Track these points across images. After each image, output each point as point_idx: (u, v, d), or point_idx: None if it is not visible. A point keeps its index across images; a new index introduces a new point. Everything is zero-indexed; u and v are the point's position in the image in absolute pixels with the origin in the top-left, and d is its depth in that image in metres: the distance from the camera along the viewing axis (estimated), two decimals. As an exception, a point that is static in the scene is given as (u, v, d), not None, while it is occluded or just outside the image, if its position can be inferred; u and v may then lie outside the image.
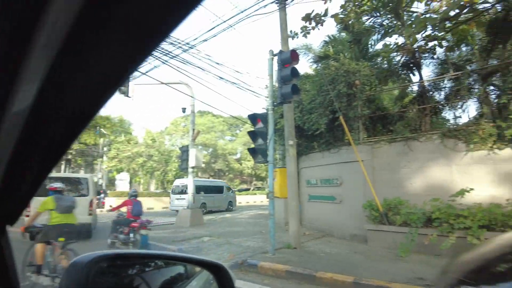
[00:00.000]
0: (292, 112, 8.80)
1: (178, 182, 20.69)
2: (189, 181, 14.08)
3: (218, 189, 22.73)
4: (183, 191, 18.76)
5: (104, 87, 0.38)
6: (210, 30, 10.62)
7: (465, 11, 7.00)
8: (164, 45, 10.65)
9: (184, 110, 17.11)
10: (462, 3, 6.46)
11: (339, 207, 9.61)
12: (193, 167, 13.74)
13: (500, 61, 8.38)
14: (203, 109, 44.29)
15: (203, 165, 23.50)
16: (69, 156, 31.10)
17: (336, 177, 9.80)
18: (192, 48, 10.98)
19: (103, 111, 35.31)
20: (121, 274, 1.32)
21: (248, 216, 18.05)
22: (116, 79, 0.38)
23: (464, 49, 10.58)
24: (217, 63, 14.86)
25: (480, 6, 7.28)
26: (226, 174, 38.26)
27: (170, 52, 10.75)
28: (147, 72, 11.73)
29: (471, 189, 6.73)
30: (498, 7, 7.80)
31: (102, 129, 33.22)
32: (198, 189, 19.48)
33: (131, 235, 7.60)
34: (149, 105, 72.46)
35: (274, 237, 7.27)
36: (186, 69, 46.89)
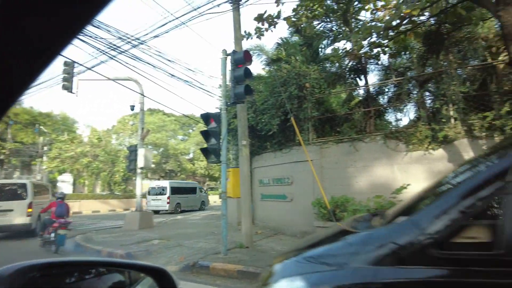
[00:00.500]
0: (245, 112, 8.83)
1: (154, 184, 22.89)
2: (137, 183, 13.52)
3: (192, 190, 24.53)
4: (159, 193, 21.38)
5: (20, 74, 0.34)
6: (161, 26, 10.30)
7: (405, 22, 7.54)
8: (112, 39, 10.14)
9: (132, 107, 16.40)
10: (402, 14, 6.95)
11: (290, 206, 9.84)
12: (141, 168, 13.21)
13: (434, 70, 9.16)
14: (154, 107, 42.78)
15: (152, 166, 22.95)
16: (1, 156, 28.30)
17: (287, 176, 10.03)
18: (142, 43, 10.58)
19: (44, 107, 32.63)
20: (56, 283, 1.23)
21: (201, 217, 17.81)
22: (36, 63, 0.34)
23: (404, 57, 11.41)
24: (169, 60, 14.30)
25: (418, 19, 7.89)
26: (178, 175, 37.29)
27: (119, 47, 10.26)
28: (93, 67, 11.10)
29: (408, 185, 7.27)
30: (432, 20, 8.52)
31: (41, 127, 30.67)
32: (173, 190, 21.65)
33: (52, 234, 8.45)
34: (95, 102, 68.38)
35: (227, 237, 7.24)
36: (136, 66, 45.05)
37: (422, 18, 7.97)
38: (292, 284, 1.27)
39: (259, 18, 7.91)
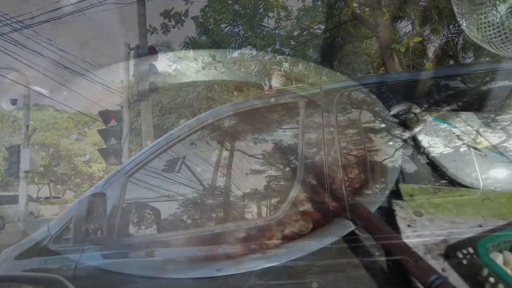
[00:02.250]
0: (150, 110, 8.47)
1: None
2: (21, 189, 11.71)
3: None
4: None
5: None
6: (53, 10, 9.18)
7: (305, 33, 8.26)
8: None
9: (14, 102, 14.14)
10: (302, 25, 7.60)
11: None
12: (26, 172, 11.49)
13: (329, 80, 10.21)
14: (43, 102, 37.51)
15: (40, 169, 20.22)
16: None
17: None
18: (27, 28, 9.27)
19: None
20: None
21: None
22: None
23: (303, 66, 12.41)
24: (62, 50, 12.68)
25: (315, 31, 8.73)
26: (72, 179, 33.44)
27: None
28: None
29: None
30: (328, 34, 9.51)
31: None
32: None
33: None
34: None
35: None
36: (20, 53, 38.88)
37: (318, 31, 8.84)
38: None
39: (166, 14, 7.71)
